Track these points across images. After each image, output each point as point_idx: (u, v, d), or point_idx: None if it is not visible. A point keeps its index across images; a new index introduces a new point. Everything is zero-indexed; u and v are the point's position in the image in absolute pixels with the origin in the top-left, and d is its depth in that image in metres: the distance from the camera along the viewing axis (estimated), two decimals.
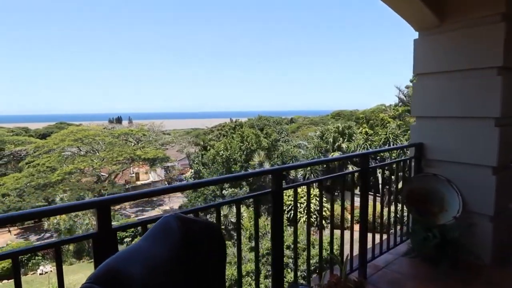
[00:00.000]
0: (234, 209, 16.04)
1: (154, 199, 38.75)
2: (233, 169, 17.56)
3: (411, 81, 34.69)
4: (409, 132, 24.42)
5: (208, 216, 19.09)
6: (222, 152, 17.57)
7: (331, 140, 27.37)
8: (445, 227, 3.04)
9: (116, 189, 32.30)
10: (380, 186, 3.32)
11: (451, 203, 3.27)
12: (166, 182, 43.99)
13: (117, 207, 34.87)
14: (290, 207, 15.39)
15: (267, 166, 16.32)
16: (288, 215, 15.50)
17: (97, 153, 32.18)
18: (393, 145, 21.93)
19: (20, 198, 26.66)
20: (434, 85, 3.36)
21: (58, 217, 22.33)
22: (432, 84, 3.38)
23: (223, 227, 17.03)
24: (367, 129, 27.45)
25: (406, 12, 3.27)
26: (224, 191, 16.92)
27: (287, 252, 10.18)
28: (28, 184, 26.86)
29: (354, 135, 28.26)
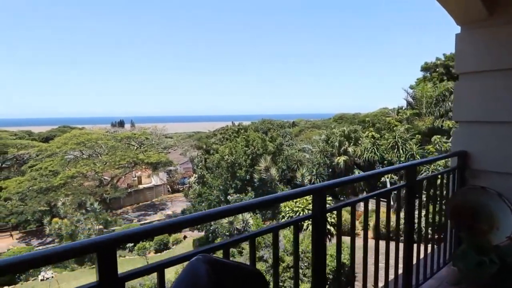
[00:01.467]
0: (240, 215, 15.59)
1: (157, 203, 38.40)
2: (238, 174, 17.12)
3: (416, 83, 34.28)
4: (417, 136, 23.98)
5: (212, 222, 18.70)
6: (227, 156, 17.17)
7: (336, 144, 26.90)
8: (501, 249, 2.62)
9: (118, 193, 31.96)
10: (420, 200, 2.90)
11: (502, 220, 2.86)
12: (168, 186, 43.71)
13: (120, 211, 34.56)
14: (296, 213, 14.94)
15: (273, 171, 15.85)
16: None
17: (100, 157, 31.90)
18: (401, 149, 21.41)
19: (22, 202, 26.39)
20: (482, 86, 2.96)
21: (59, 221, 22.01)
22: (479, 85, 2.98)
23: (227, 233, 16.59)
24: (374, 133, 26.97)
25: (451, 3, 2.88)
26: (229, 197, 16.47)
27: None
28: (30, 188, 26.60)
29: (360, 139, 27.78)
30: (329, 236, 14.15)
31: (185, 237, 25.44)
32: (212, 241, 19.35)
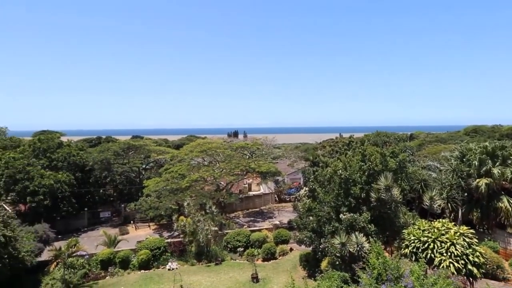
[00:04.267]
0: (353, 236, 14.25)
1: (265, 211, 39.74)
2: (352, 191, 15.74)
3: None
4: None
5: (322, 240, 17.76)
6: (340, 171, 16.07)
7: (476, 162, 22.09)
8: None
9: (232, 198, 34.46)
10: None
11: None
12: (275, 195, 44.80)
13: (233, 214, 37.24)
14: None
15: (395, 191, 13.81)
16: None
17: (218, 164, 35.23)
18: None
19: (157, 199, 31.33)
20: None
21: (184, 220, 24.99)
22: None
23: (338, 255, 15.39)
24: None
25: None
26: (341, 215, 15.21)
27: None
28: (164, 188, 31.31)
29: (511, 157, 22.08)
30: None
31: (291, 249, 25.19)
32: (320, 259, 18.39)
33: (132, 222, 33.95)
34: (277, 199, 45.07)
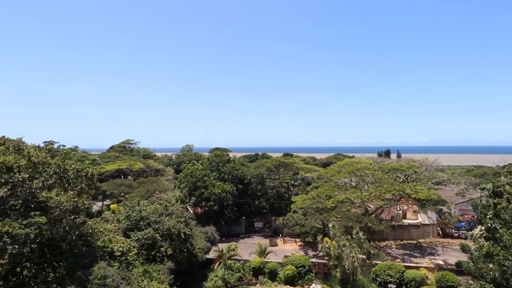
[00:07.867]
0: None
1: (424, 245, 33.96)
2: None
3: None
4: None
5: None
6: None
7: None
8: None
9: (382, 226, 31.36)
10: None
11: None
12: (438, 228, 37.65)
13: (383, 244, 33.76)
14: None
15: None
16: None
17: (366, 186, 33.01)
18: None
19: (303, 216, 32.21)
20: None
21: (329, 242, 24.55)
22: None
23: None
24: None
25: None
26: None
27: None
28: (310, 206, 31.90)
29: None
30: None
31: None
32: None
33: (280, 235, 36.12)
34: (440, 232, 37.89)
